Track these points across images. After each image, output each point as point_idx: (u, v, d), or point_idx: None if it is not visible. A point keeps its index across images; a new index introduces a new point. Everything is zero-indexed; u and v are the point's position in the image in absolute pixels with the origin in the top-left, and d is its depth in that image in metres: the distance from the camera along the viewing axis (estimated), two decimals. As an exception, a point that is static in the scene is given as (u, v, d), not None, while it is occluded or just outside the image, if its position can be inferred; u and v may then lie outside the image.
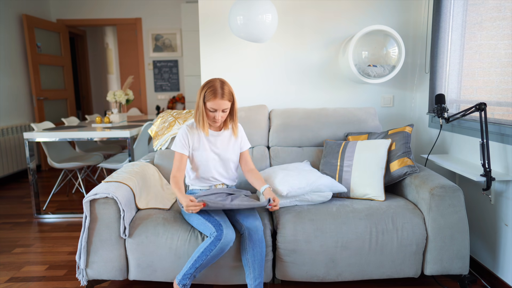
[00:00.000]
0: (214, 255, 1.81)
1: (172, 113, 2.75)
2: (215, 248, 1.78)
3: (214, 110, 1.97)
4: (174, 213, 2.11)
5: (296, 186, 2.04)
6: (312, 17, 2.90)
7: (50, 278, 2.29)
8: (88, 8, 5.76)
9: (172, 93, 6.07)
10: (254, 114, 2.71)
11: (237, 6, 2.51)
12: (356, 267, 1.97)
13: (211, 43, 2.94)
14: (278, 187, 2.05)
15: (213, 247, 1.79)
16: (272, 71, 2.98)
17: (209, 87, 1.95)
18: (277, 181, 2.09)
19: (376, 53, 2.72)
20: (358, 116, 2.67)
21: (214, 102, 1.94)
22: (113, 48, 8.17)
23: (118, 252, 1.94)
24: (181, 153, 2.04)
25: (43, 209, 3.54)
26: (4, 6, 4.61)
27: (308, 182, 2.07)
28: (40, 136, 3.24)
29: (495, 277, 2.09)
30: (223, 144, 2.11)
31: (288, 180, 2.07)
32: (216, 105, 1.94)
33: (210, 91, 1.94)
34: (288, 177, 2.10)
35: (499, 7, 2.12)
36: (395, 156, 2.24)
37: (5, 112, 4.58)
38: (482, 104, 1.96)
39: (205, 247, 1.80)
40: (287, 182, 2.06)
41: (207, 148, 2.08)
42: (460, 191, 1.94)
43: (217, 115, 1.98)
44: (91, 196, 1.89)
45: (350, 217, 1.98)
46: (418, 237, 1.95)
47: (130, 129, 3.36)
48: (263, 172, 2.34)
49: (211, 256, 1.80)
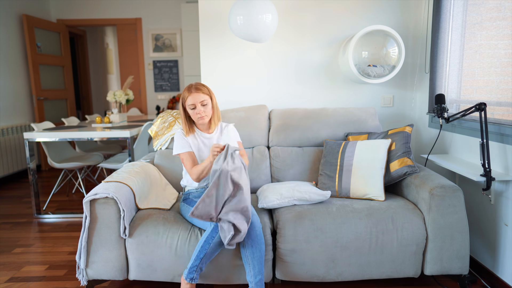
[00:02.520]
0: (217, 243, 1.82)
1: (172, 113, 2.75)
2: (217, 235, 1.81)
3: (194, 106, 2.05)
4: (174, 213, 2.11)
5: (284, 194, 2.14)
6: (312, 17, 2.90)
7: (50, 278, 2.29)
8: (88, 8, 5.76)
9: (172, 93, 6.07)
10: (254, 114, 2.71)
11: (237, 6, 2.51)
12: (356, 267, 1.98)
13: (211, 43, 2.95)
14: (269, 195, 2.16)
15: (214, 234, 1.81)
16: (272, 71, 2.98)
17: (184, 90, 2.10)
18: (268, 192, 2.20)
19: (376, 53, 2.72)
20: (358, 116, 2.67)
21: (190, 98, 2.04)
22: (113, 48, 8.18)
23: (118, 252, 1.94)
24: (186, 152, 2.10)
25: (43, 209, 3.54)
26: (4, 6, 4.61)
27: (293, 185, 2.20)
28: (40, 136, 3.24)
29: (495, 277, 2.09)
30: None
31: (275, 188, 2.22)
32: (193, 100, 2.04)
33: (185, 91, 2.08)
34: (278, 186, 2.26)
35: (499, 7, 2.12)
36: (395, 156, 2.24)
37: (5, 112, 4.58)
38: (482, 104, 1.96)
39: (207, 236, 1.82)
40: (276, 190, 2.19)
41: (202, 149, 2.14)
42: (460, 191, 1.94)
43: (197, 109, 2.05)
44: (91, 196, 1.89)
45: (350, 217, 1.98)
46: (418, 237, 1.95)
47: (130, 129, 3.36)
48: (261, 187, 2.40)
49: (214, 244, 1.81)
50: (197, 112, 2.06)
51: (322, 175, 2.37)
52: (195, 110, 2.06)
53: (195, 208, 1.75)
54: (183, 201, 2.14)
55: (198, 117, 2.07)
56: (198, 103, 2.04)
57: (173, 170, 2.54)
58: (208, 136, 2.18)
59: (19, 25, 4.88)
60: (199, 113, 2.06)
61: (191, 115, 2.09)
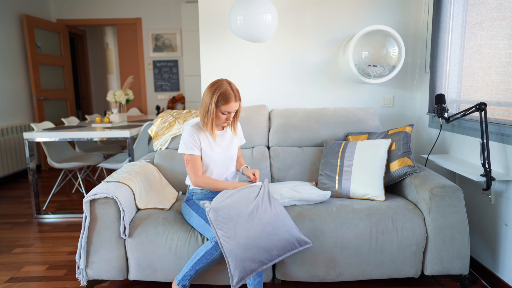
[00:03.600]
0: (215, 259, 1.80)
1: (172, 113, 2.75)
2: (216, 253, 1.78)
3: (227, 112, 1.96)
4: (174, 213, 2.11)
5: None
6: (312, 17, 2.90)
7: (50, 278, 2.29)
8: (88, 8, 5.76)
9: (172, 93, 6.07)
10: (254, 114, 2.71)
11: (237, 6, 2.51)
12: (356, 267, 1.97)
13: (211, 43, 2.94)
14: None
15: (213, 252, 1.78)
16: (272, 71, 2.98)
17: (221, 91, 1.91)
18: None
19: (376, 53, 2.72)
20: (358, 116, 2.67)
21: (229, 106, 1.92)
22: (113, 48, 8.17)
23: (118, 252, 1.94)
24: (192, 154, 2.00)
25: (43, 209, 3.54)
26: (4, 6, 4.60)
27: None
28: (40, 136, 3.24)
29: (495, 277, 2.08)
30: (226, 142, 2.12)
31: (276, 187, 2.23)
32: (230, 108, 1.94)
33: (224, 95, 1.90)
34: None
35: (499, 7, 2.12)
36: (395, 156, 2.24)
37: (5, 112, 4.57)
38: (482, 104, 1.96)
39: (206, 251, 1.79)
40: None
41: (215, 150, 2.06)
42: (460, 191, 1.94)
43: (229, 116, 1.99)
44: (91, 196, 1.89)
45: (350, 217, 1.98)
46: (418, 237, 1.95)
47: (130, 129, 3.36)
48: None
49: (211, 260, 1.80)
50: (226, 118, 1.98)
51: (322, 175, 2.37)
52: (226, 115, 1.97)
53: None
54: (185, 201, 2.10)
55: (225, 122, 2.01)
56: (233, 111, 1.97)
57: (173, 170, 2.54)
58: (220, 133, 2.10)
59: (19, 25, 4.87)
60: (228, 119, 1.99)
61: (217, 116, 1.96)
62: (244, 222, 1.73)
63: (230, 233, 1.71)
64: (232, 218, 1.73)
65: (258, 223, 1.74)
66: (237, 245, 1.70)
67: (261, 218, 1.76)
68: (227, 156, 2.09)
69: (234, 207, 1.75)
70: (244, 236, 1.70)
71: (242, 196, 1.81)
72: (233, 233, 1.70)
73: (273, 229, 1.76)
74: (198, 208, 1.98)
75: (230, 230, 1.71)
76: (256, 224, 1.74)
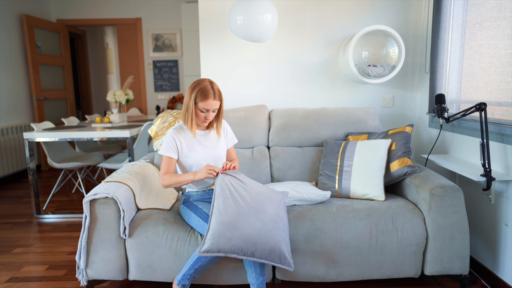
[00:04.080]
0: (214, 258, 1.81)
1: (172, 113, 2.75)
2: None
3: (206, 110, 1.96)
4: (174, 213, 2.11)
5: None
6: (312, 17, 2.90)
7: (50, 278, 2.29)
8: (88, 8, 5.76)
9: (172, 93, 6.07)
10: (254, 114, 2.71)
11: (237, 6, 2.51)
12: (356, 267, 1.97)
13: (211, 43, 2.94)
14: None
15: None
16: (272, 71, 2.98)
17: (200, 88, 1.94)
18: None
19: (376, 53, 2.72)
20: (358, 116, 2.67)
21: (206, 103, 1.93)
22: (113, 48, 8.17)
23: (118, 252, 1.94)
24: (169, 156, 2.01)
25: (43, 209, 3.54)
26: (4, 6, 4.60)
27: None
28: (40, 136, 3.24)
29: (495, 277, 2.08)
30: (212, 143, 2.09)
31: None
32: (208, 105, 1.94)
33: (202, 92, 1.93)
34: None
35: (499, 7, 2.12)
36: (395, 156, 2.24)
37: (5, 112, 4.57)
38: (482, 104, 1.96)
39: None
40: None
41: (198, 149, 2.05)
42: (460, 191, 1.94)
43: (208, 115, 1.98)
44: (91, 196, 1.89)
45: (350, 217, 1.98)
46: (418, 237, 1.95)
47: (130, 129, 3.36)
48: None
49: (210, 259, 1.80)
50: (205, 116, 1.99)
51: (322, 175, 2.37)
52: (205, 114, 1.98)
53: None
54: (183, 203, 2.10)
55: (203, 120, 2.02)
56: (212, 110, 1.97)
57: (173, 170, 2.54)
58: (203, 133, 2.10)
59: (19, 25, 4.87)
60: (207, 118, 1.99)
61: (197, 113, 1.98)
62: (246, 212, 1.76)
63: (223, 208, 1.76)
64: (237, 199, 1.78)
65: (255, 215, 1.76)
66: (223, 222, 1.72)
67: (260, 214, 1.77)
68: (212, 156, 2.06)
69: (245, 192, 1.82)
70: (234, 215, 1.74)
71: (263, 192, 1.88)
72: (225, 209, 1.76)
73: (264, 229, 1.75)
74: (196, 208, 1.99)
75: (228, 206, 1.76)
76: (252, 215, 1.76)
